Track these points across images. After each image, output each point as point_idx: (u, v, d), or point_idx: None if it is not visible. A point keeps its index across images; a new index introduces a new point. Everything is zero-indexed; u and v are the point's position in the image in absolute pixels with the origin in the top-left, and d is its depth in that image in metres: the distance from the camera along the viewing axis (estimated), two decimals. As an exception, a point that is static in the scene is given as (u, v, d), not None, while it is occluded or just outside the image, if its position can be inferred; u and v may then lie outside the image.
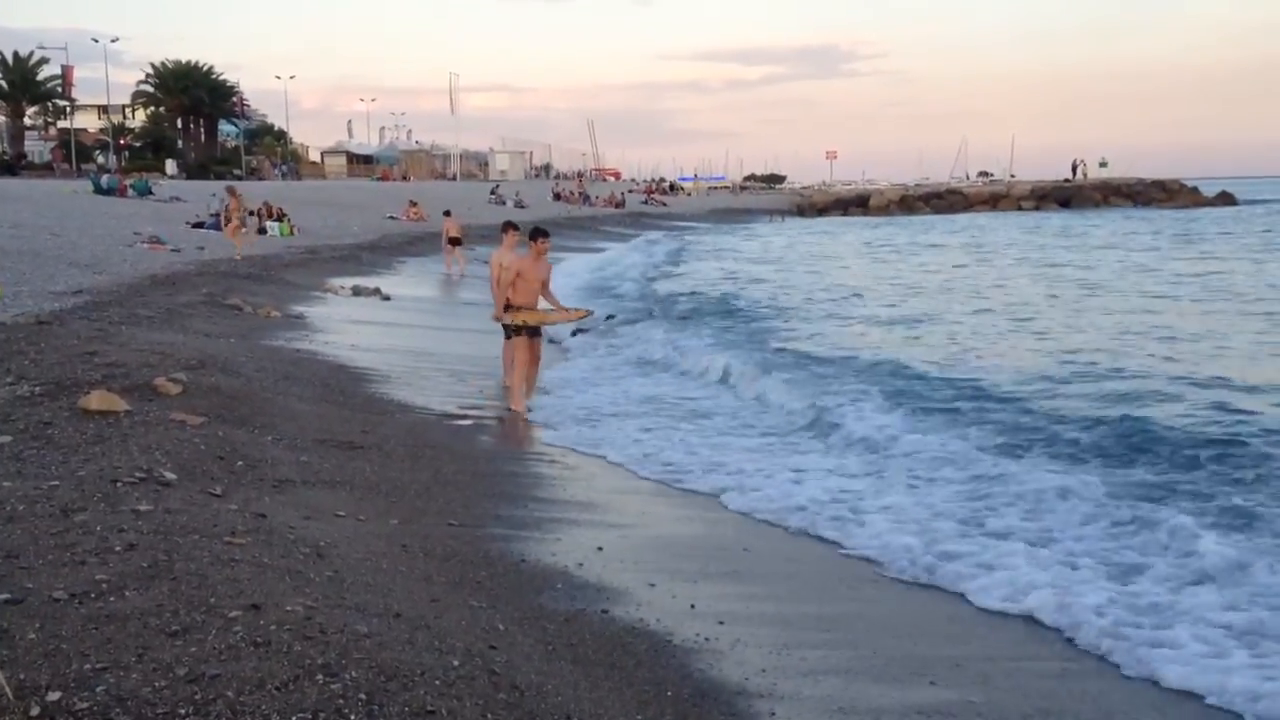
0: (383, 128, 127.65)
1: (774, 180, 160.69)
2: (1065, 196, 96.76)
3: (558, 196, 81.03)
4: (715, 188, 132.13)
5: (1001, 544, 7.90)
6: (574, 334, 19.45)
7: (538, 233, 13.70)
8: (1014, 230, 62.64)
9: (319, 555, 6.15)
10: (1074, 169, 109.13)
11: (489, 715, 4.24)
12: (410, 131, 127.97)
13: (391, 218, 47.08)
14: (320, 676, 4.27)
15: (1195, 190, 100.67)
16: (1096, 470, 10.08)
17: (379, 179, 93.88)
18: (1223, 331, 19.84)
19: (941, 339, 19.86)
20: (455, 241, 31.58)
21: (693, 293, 28.71)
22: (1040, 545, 7.90)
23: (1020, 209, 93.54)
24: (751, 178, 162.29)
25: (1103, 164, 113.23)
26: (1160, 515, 8.31)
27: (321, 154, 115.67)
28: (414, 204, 48.98)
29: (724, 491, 9.61)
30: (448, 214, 33.18)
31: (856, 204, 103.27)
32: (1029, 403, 13.11)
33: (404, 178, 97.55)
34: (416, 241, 37.35)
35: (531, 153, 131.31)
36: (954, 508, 8.93)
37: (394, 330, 19.06)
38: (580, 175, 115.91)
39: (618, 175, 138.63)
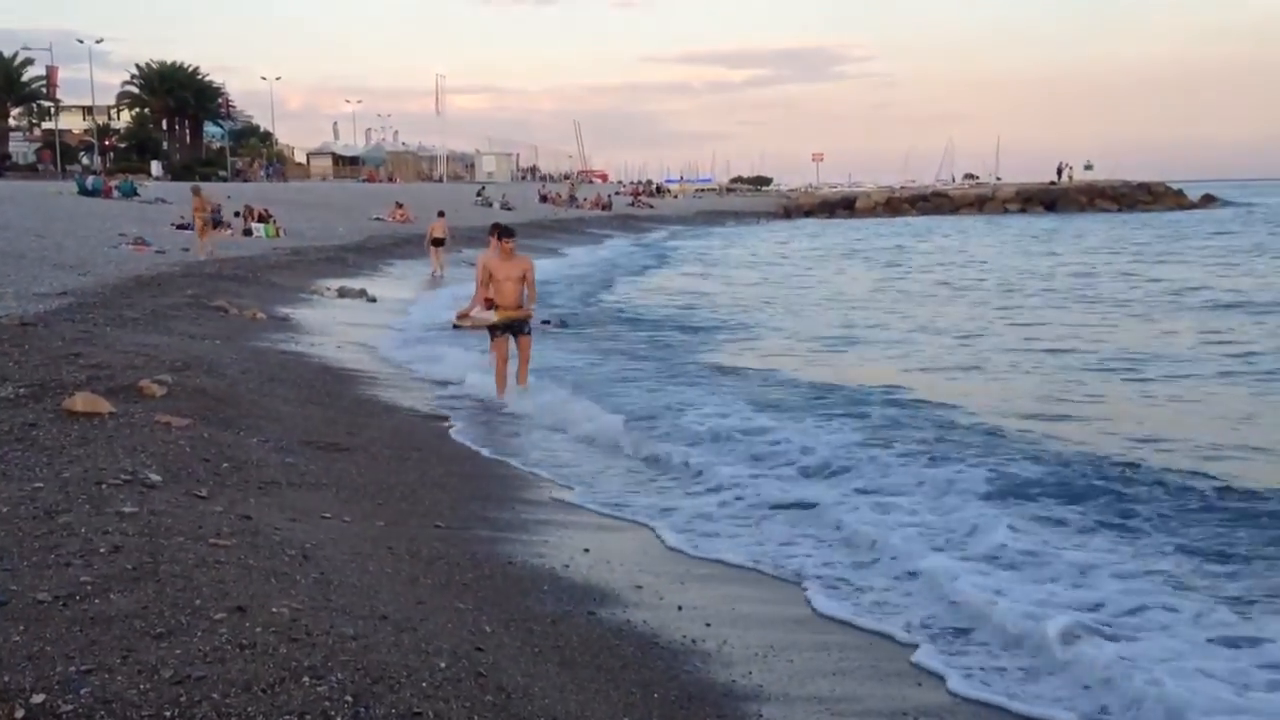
0: (369, 129, 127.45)
1: (760, 182, 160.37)
2: (1051, 199, 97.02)
3: (544, 198, 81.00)
4: (702, 190, 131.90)
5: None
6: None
7: (504, 232, 13.89)
8: (991, 236, 62.21)
9: (305, 557, 6.13)
10: (1059, 172, 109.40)
11: (476, 717, 4.23)
12: (396, 133, 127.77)
13: (377, 219, 47.05)
14: (306, 679, 4.26)
15: (1180, 193, 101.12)
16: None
17: (365, 180, 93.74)
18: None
19: (817, 351, 19.20)
20: (438, 243, 31.65)
21: (621, 307, 26.58)
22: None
23: (1006, 211, 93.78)
24: (738, 180, 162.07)
25: (1088, 167, 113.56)
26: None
27: (307, 155, 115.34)
28: (400, 205, 48.94)
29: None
30: (441, 214, 33.37)
31: (843, 206, 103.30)
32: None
33: (390, 179, 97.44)
34: (403, 243, 37.34)
35: (518, 154, 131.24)
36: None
37: (379, 332, 19.05)
38: (569, 177, 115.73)
39: (604, 177, 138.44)
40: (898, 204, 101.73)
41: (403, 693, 4.28)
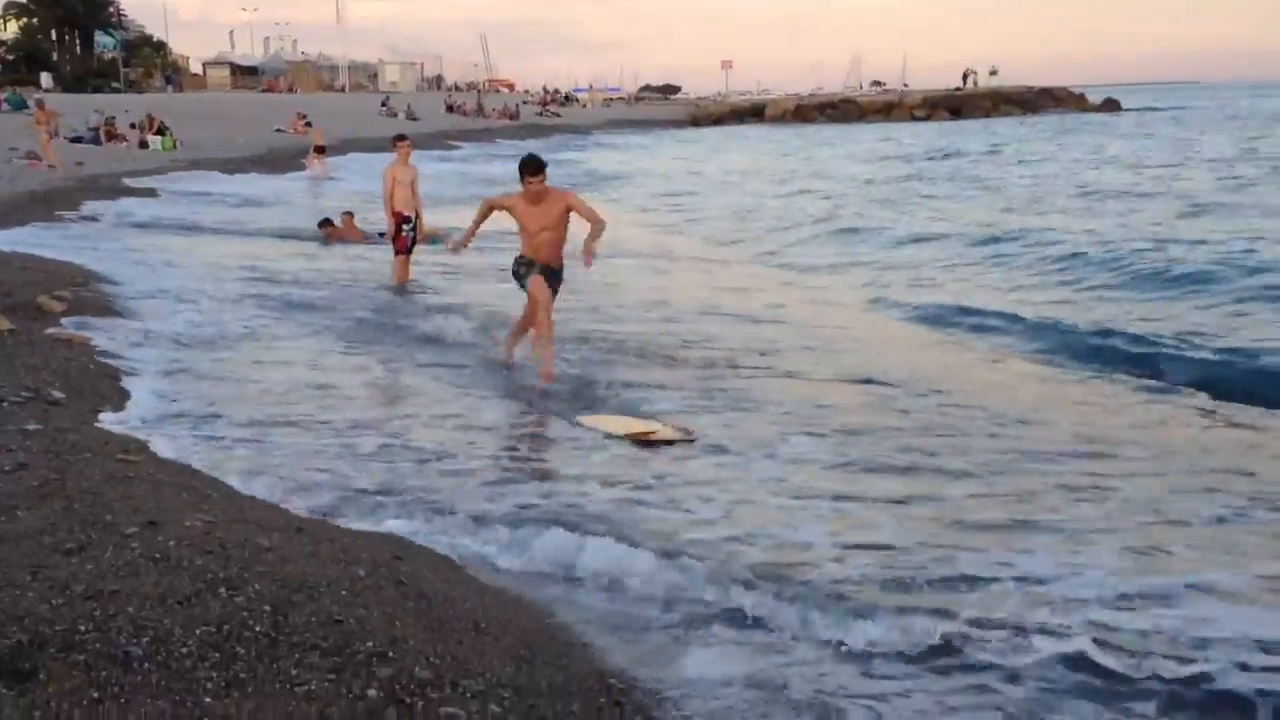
0: (267, 38, 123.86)
1: (670, 91, 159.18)
2: (956, 105, 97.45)
3: (451, 108, 79.65)
4: (611, 99, 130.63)
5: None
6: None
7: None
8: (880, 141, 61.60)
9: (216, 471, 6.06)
10: (965, 78, 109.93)
11: (397, 622, 4.22)
12: (295, 42, 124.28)
13: (279, 130, 46.01)
14: (223, 590, 4.22)
15: (1082, 97, 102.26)
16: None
17: (264, 91, 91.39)
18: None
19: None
20: (320, 150, 33.12)
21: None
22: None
23: (913, 118, 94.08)
24: (647, 88, 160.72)
25: (993, 73, 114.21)
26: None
27: (203, 65, 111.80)
28: (302, 116, 47.88)
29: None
30: (310, 124, 37.97)
31: (752, 114, 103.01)
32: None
33: (290, 90, 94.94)
34: (306, 154, 36.52)
35: (423, 64, 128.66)
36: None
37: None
38: (476, 87, 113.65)
39: (511, 87, 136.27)
40: (806, 112, 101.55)
41: (322, 601, 4.27)
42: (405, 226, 13.84)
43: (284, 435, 7.28)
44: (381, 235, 15.42)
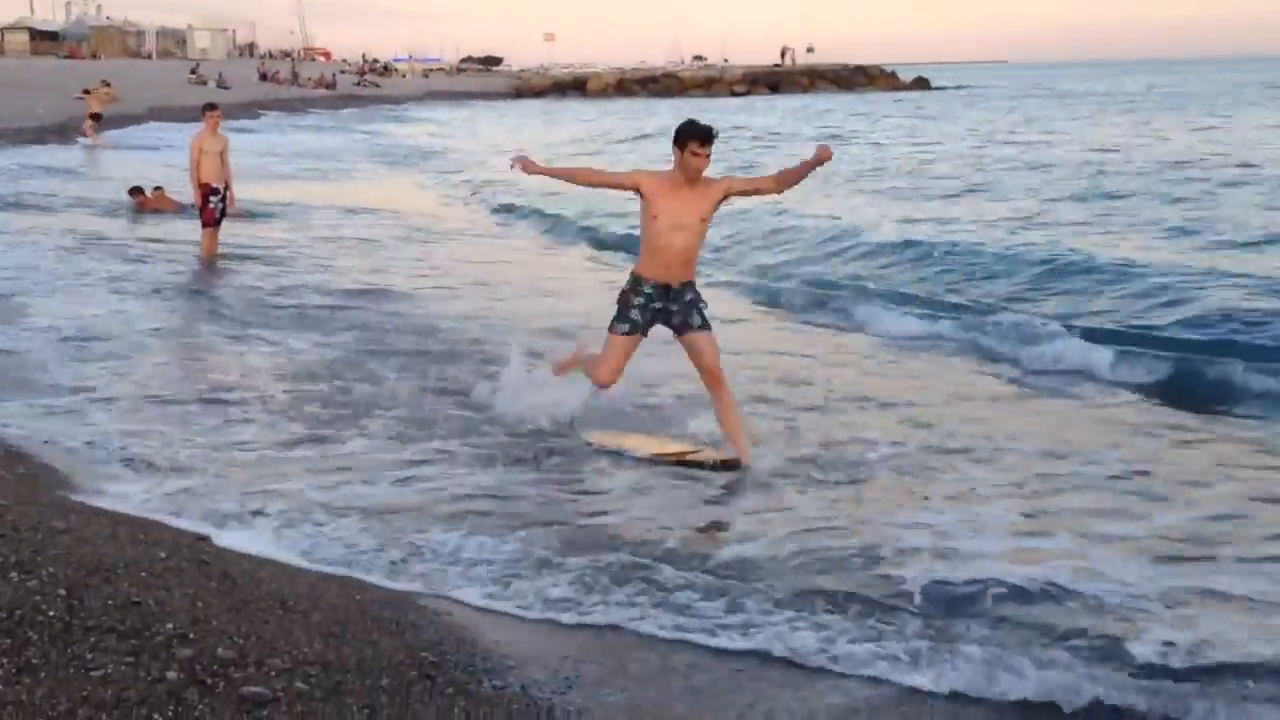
0: (69, 2, 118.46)
1: (491, 63, 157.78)
2: (774, 81, 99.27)
3: (264, 77, 77.48)
4: (431, 70, 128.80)
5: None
6: None
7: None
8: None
9: (7, 453, 5.85)
10: (783, 55, 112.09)
11: (199, 603, 4.15)
12: (100, 6, 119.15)
13: (80, 98, 44.10)
14: (14, 574, 4.09)
15: (894, 75, 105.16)
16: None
17: (66, 57, 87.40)
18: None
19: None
20: (95, 116, 32.20)
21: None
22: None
23: (733, 94, 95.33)
24: (468, 60, 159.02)
25: (810, 50, 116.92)
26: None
27: (0, 30, 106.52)
28: (106, 84, 45.98)
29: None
30: (87, 92, 36.52)
31: (574, 88, 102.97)
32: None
33: (94, 56, 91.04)
34: (110, 122, 35.19)
35: (235, 31, 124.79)
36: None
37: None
38: (290, 55, 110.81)
39: (328, 56, 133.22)
40: (629, 86, 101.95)
41: (120, 583, 4.17)
42: (213, 198, 13.49)
43: (97, 413, 7.07)
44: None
